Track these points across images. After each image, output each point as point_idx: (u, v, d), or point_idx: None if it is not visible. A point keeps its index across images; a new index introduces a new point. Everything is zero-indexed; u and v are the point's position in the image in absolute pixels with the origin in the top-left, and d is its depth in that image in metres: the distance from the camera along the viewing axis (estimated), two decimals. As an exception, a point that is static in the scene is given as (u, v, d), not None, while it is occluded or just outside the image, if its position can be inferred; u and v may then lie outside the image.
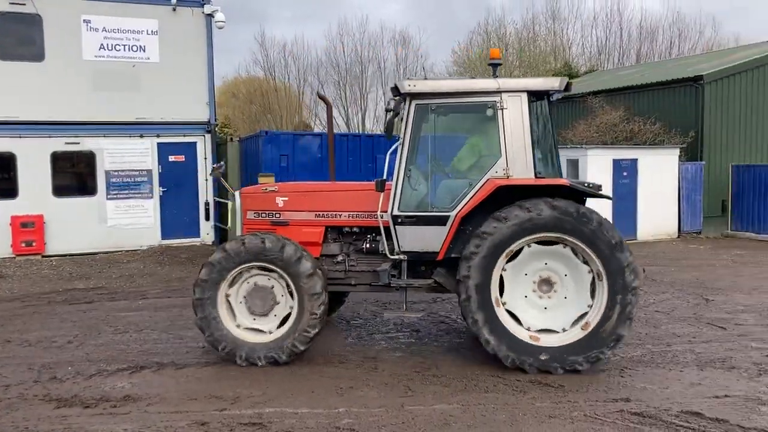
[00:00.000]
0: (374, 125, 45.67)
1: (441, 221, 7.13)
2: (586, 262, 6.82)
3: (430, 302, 10.33)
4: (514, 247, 6.79)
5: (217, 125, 18.39)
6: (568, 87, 7.12)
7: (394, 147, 7.42)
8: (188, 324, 8.99)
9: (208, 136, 16.95)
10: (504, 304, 6.93)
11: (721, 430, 5.38)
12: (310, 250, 7.30)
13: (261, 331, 7.20)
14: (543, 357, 6.73)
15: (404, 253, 7.28)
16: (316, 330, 7.07)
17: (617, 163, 18.19)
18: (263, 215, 7.88)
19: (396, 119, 8.37)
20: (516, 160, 6.97)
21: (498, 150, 7.05)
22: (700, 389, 6.33)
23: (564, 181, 6.94)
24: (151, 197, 16.40)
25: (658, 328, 8.72)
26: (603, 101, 23.88)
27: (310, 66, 46.04)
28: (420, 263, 7.41)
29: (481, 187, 6.98)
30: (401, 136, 7.20)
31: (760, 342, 7.97)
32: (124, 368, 7.11)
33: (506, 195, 6.84)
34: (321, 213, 7.74)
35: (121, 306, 10.41)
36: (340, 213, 7.71)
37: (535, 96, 7.18)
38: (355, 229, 7.73)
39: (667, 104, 20.90)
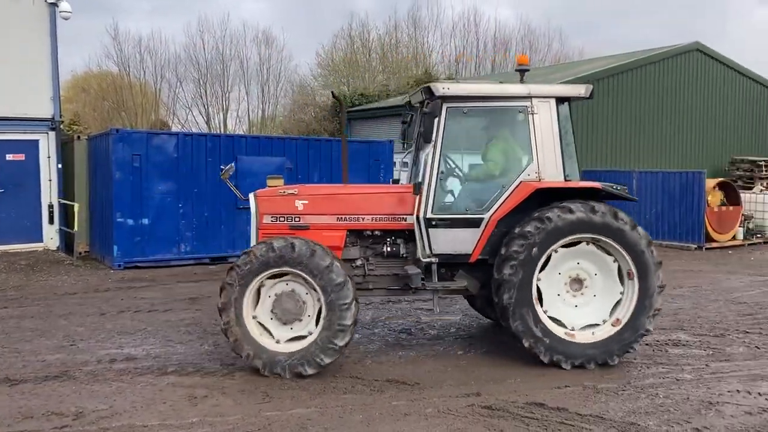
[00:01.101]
0: (236, 125, 44.69)
1: (475, 223, 7.21)
2: (615, 260, 7.14)
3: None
4: (555, 246, 6.97)
5: (62, 122, 17.16)
6: (591, 94, 7.45)
7: (405, 154, 7.63)
8: (26, 336, 8.32)
9: (52, 134, 15.80)
10: (542, 303, 7.08)
11: (561, 417, 5.74)
12: None
13: (289, 339, 6.86)
14: (589, 352, 7.01)
15: (435, 255, 7.23)
16: (345, 341, 6.71)
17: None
18: (281, 219, 7.44)
19: (410, 129, 8.60)
20: (546, 163, 7.22)
21: (528, 153, 7.28)
22: (543, 380, 6.72)
23: (597, 184, 7.24)
24: (-14, 199, 15.03)
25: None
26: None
27: (168, 62, 44.20)
28: (440, 266, 7.34)
29: (514, 190, 7.14)
30: (433, 138, 7.09)
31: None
32: (-51, 388, 6.44)
33: (534, 197, 7.03)
34: (343, 216, 7.46)
35: (-52, 319, 9.43)
36: (362, 216, 7.47)
37: (560, 101, 7.37)
38: (376, 233, 7.57)
39: (519, 112, 22.09)
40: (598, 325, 7.19)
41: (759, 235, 19.18)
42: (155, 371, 6.95)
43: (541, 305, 7.09)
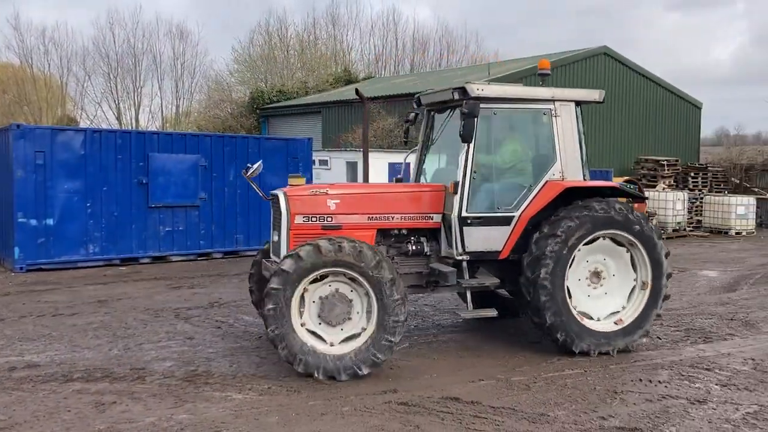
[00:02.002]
0: (149, 121, 43.30)
1: (506, 221, 7.47)
2: (627, 251, 7.63)
3: (206, 307, 10.01)
4: (582, 243, 7.33)
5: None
6: (603, 99, 8.02)
7: (409, 152, 8.44)
8: None
9: (-55, 128, 14.81)
10: (571, 298, 7.39)
11: (475, 411, 5.86)
12: None
13: (342, 340, 6.73)
14: (618, 343, 7.49)
15: (467, 253, 7.33)
16: (399, 337, 6.72)
17: (392, 166, 19.13)
18: (313, 219, 7.25)
19: (413, 127, 9.00)
20: (569, 163, 7.65)
21: (552, 154, 7.67)
22: (459, 375, 6.85)
23: (615, 183, 7.87)
24: None
25: (426, 320, 9.30)
26: (380, 107, 24.99)
27: (76, 55, 42.41)
28: (456, 264, 7.45)
29: (542, 189, 7.50)
30: (473, 138, 7.26)
31: (509, 329, 8.84)
32: None
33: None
34: (373, 216, 7.45)
35: None
36: (392, 215, 7.53)
37: (577, 104, 7.87)
38: (403, 232, 7.64)
39: (436, 112, 22.40)
40: (618, 312, 7.68)
41: (662, 231, 20.22)
42: (59, 378, 6.63)
43: (570, 300, 7.41)
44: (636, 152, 27.71)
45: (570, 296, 7.41)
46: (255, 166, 7.61)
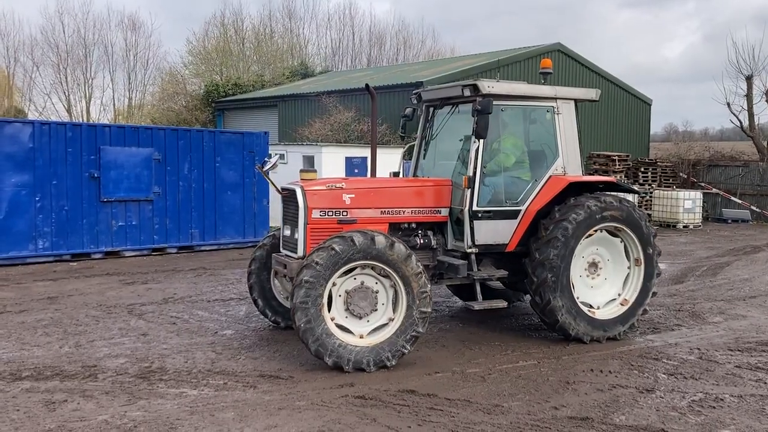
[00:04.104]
0: (100, 114, 42.30)
1: (513, 215, 7.80)
2: (621, 241, 8.06)
3: (161, 303, 9.87)
4: (590, 232, 7.74)
5: None
6: (599, 98, 8.44)
7: (407, 147, 8.34)
8: None
9: None
10: (574, 289, 7.72)
11: (431, 403, 5.93)
12: None
13: (370, 332, 6.85)
14: (621, 328, 7.96)
15: (477, 246, 7.61)
16: (425, 328, 6.90)
17: (349, 161, 19.13)
18: (330, 213, 7.32)
19: (409, 123, 9.21)
20: (569, 159, 8.02)
21: (554, 150, 8.02)
22: (415, 368, 6.91)
23: (613, 178, 8.58)
24: None
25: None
26: (337, 101, 24.91)
27: (23, 45, 41.14)
28: (463, 257, 7.74)
29: (546, 184, 7.84)
30: (486, 134, 7.40)
31: (466, 322, 8.96)
32: None
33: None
34: (386, 210, 7.63)
35: None
36: (403, 209, 7.71)
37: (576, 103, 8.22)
38: (412, 225, 7.83)
39: (393, 107, 22.50)
40: (614, 300, 8.10)
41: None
42: (7, 377, 6.46)
43: (574, 290, 7.74)
44: (588, 147, 28.23)
45: (573, 287, 7.74)
46: (272, 160, 7.72)
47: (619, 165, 24.26)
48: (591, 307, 7.98)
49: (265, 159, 7.71)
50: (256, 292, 8.29)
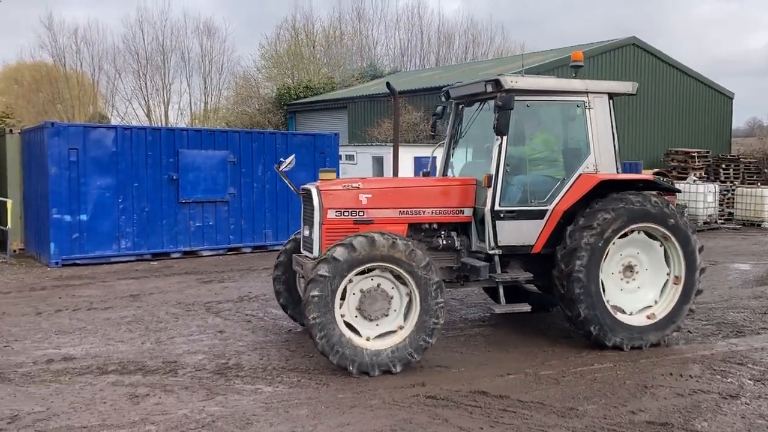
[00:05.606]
0: (178, 118, 43.83)
1: (539, 215, 7.41)
2: (660, 245, 7.57)
3: (237, 301, 10.14)
4: (617, 236, 7.27)
5: (-7, 115, 16.50)
6: (636, 91, 7.99)
7: (436, 147, 8.07)
8: (-43, 338, 8.00)
9: (-18, 127, 15.17)
10: (604, 291, 7.34)
11: (503, 405, 5.87)
12: None
13: (377, 336, 6.75)
14: (650, 338, 7.45)
15: (500, 247, 7.33)
16: (436, 338, 6.80)
17: (418, 160, 19.12)
18: (346, 213, 7.22)
19: (440, 121, 9.02)
20: (602, 156, 7.58)
21: (585, 147, 7.60)
22: (487, 369, 6.85)
23: (649, 176, 7.83)
24: None
25: (453, 314, 9.31)
26: (406, 101, 24.96)
27: (106, 53, 43.06)
28: (487, 258, 7.46)
29: (575, 182, 7.41)
30: (507, 131, 7.19)
31: (535, 323, 8.82)
32: None
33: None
34: (405, 210, 7.44)
35: None
36: (424, 209, 7.51)
37: (611, 96, 7.78)
38: (434, 226, 7.62)
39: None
40: (651, 306, 7.60)
41: (693, 224, 19.93)
42: (95, 371, 6.79)
43: (604, 294, 7.34)
44: (666, 144, 27.30)
45: (603, 290, 7.34)
46: (288, 160, 7.62)
47: (698, 162, 23.37)
48: (623, 312, 7.52)
49: (281, 159, 7.68)
50: (283, 297, 8.22)
